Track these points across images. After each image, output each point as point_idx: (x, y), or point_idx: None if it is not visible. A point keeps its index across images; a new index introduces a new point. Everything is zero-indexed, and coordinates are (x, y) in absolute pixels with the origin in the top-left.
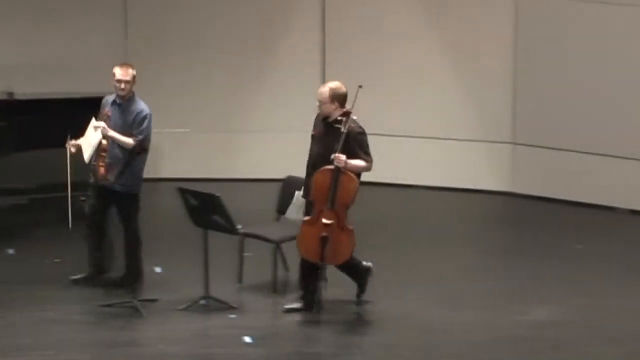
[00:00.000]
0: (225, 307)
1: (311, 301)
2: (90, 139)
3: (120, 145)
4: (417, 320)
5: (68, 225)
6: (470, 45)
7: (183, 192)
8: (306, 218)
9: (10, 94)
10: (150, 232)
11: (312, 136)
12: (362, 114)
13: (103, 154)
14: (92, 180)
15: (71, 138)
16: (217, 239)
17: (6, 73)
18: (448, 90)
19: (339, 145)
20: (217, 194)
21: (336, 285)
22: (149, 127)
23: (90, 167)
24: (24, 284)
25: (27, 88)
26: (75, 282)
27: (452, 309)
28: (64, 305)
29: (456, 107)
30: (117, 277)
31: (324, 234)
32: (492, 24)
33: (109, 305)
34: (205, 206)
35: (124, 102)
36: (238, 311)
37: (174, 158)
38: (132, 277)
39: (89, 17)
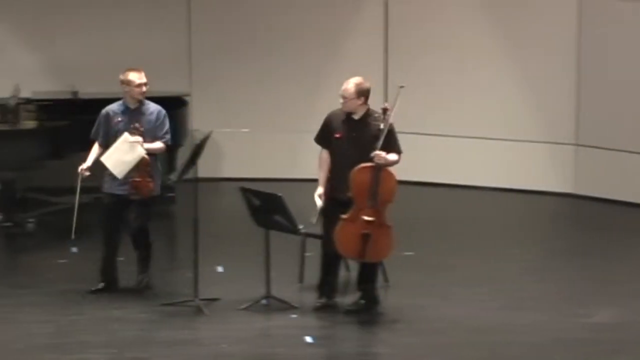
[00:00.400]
0: (286, 306)
1: (331, 292)
2: (125, 156)
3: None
4: (477, 321)
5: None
6: (533, 46)
7: (245, 191)
8: (344, 216)
9: (75, 93)
10: (212, 232)
11: (336, 139)
12: (425, 114)
13: (147, 168)
14: (108, 195)
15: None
16: (278, 238)
17: (72, 73)
18: (511, 92)
19: (380, 143)
20: (279, 194)
21: (396, 286)
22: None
23: (128, 183)
24: (87, 283)
25: (91, 88)
26: (94, 292)
27: (513, 310)
28: (127, 303)
29: (519, 108)
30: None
31: (366, 231)
32: (555, 24)
33: (171, 304)
34: (267, 206)
35: (138, 106)
36: (299, 311)
37: (235, 158)
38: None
39: (153, 18)
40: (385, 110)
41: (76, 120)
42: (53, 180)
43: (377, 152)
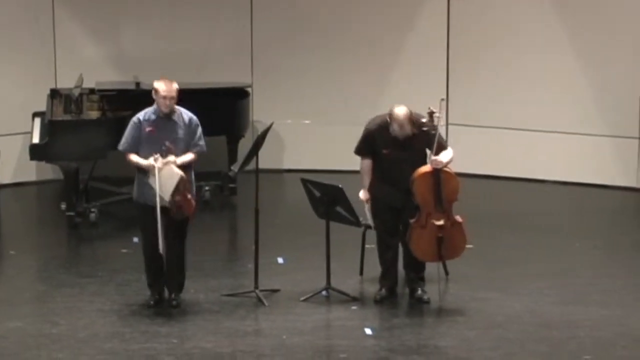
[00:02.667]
0: (346, 298)
1: (391, 285)
2: (166, 182)
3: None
4: (539, 316)
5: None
6: (597, 39)
7: (306, 182)
8: (413, 221)
9: (138, 83)
10: (273, 223)
11: (385, 155)
12: (488, 108)
13: (188, 186)
14: (142, 206)
15: None
16: (339, 230)
17: (135, 63)
18: (575, 85)
19: (434, 148)
20: (340, 185)
21: (457, 280)
22: None
23: (171, 204)
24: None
25: (154, 78)
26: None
27: (576, 304)
28: (188, 294)
29: (583, 102)
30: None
31: (440, 234)
32: (620, 18)
33: (232, 295)
34: (327, 197)
35: (170, 113)
36: (359, 303)
37: (297, 149)
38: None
39: (215, 9)
40: (432, 114)
41: (139, 111)
42: (116, 170)
43: (434, 157)
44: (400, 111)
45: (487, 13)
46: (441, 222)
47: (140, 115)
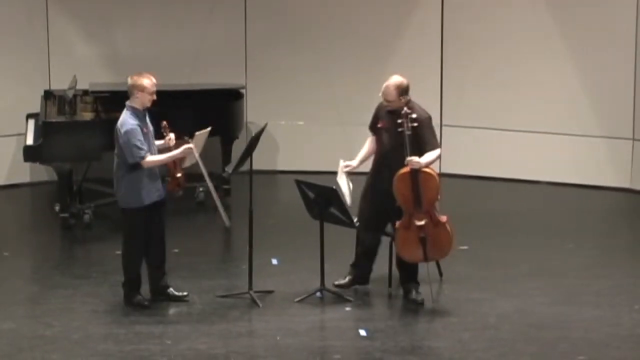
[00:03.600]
0: (340, 299)
1: (361, 276)
2: (201, 143)
3: None
4: (531, 316)
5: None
6: (590, 40)
7: (300, 184)
8: (398, 223)
9: None
10: (267, 224)
11: (379, 128)
12: (482, 109)
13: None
14: (143, 209)
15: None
16: (333, 231)
17: (129, 64)
18: (568, 86)
19: (407, 149)
20: (334, 187)
21: (451, 281)
22: None
23: (175, 180)
24: (143, 275)
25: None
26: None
27: (568, 305)
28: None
29: (576, 103)
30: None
31: (422, 235)
32: (614, 20)
33: (226, 296)
34: (321, 199)
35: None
36: (353, 304)
37: (291, 150)
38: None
39: (209, 10)
40: (407, 115)
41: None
42: (110, 171)
43: (409, 157)
44: (394, 76)
45: (482, 17)
46: (422, 223)
47: (132, 120)
